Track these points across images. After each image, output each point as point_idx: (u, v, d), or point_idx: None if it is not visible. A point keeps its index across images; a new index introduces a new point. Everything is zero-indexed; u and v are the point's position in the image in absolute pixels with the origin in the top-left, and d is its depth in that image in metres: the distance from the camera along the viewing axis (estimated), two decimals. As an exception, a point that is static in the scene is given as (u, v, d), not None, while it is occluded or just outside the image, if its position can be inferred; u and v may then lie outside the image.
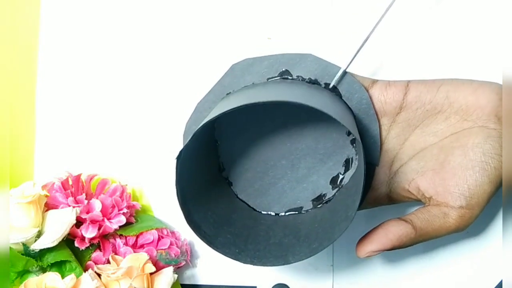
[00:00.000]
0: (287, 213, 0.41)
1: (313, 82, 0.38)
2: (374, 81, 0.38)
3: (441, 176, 0.37)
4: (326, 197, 0.40)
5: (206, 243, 0.35)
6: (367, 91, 0.38)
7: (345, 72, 0.37)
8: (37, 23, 0.47)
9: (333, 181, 0.40)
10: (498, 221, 0.43)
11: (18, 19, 0.47)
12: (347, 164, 0.39)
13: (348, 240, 0.44)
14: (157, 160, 0.45)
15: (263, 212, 0.41)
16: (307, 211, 0.40)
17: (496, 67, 0.42)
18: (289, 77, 0.38)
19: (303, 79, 0.38)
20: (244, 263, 0.35)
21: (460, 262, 0.44)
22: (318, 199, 0.40)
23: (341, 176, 0.40)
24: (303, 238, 0.37)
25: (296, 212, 0.40)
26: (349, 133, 0.39)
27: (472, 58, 0.43)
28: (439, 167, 0.37)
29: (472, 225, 0.43)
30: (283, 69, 0.38)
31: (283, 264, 0.35)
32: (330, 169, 0.40)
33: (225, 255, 0.35)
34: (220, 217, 0.38)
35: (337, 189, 0.40)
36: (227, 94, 0.39)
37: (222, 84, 0.39)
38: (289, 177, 0.40)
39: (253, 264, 0.35)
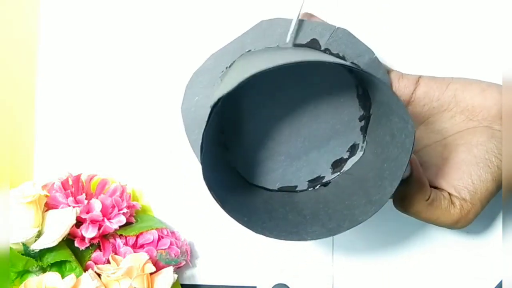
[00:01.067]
0: (279, 190, 0.38)
1: (342, 58, 0.36)
2: (390, 70, 0.38)
3: (445, 170, 0.37)
4: (324, 180, 0.38)
5: (220, 206, 0.32)
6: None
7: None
8: (36, 23, 0.47)
9: (334, 164, 0.38)
10: (498, 221, 0.43)
11: (17, 19, 0.47)
12: (353, 149, 0.38)
13: (348, 240, 0.44)
14: (157, 160, 0.45)
15: (254, 184, 0.38)
16: (301, 191, 0.38)
17: (497, 67, 0.42)
18: (317, 47, 0.36)
19: (331, 53, 0.36)
20: (256, 232, 0.33)
21: (460, 262, 0.44)
22: (315, 181, 0.38)
23: (344, 161, 0.38)
24: (310, 216, 0.35)
25: (290, 191, 0.38)
26: (360, 119, 0.37)
27: (476, 58, 0.43)
28: (442, 162, 0.37)
29: (472, 225, 0.43)
30: (313, 38, 0.36)
31: (298, 240, 0.33)
32: (333, 152, 0.38)
33: (237, 221, 0.33)
34: (222, 181, 0.35)
35: (337, 173, 0.38)
36: (248, 51, 0.36)
37: (243, 41, 0.36)
38: (287, 153, 0.38)
39: (266, 235, 0.33)
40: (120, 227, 0.41)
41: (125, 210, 0.41)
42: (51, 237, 0.38)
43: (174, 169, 0.45)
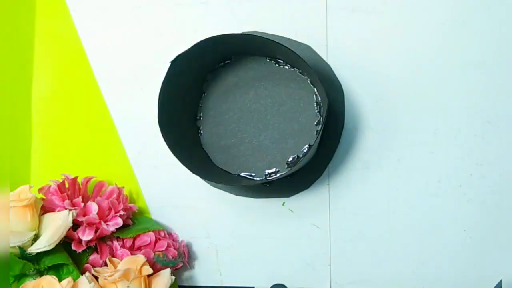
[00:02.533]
0: (238, 176, 0.44)
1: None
2: None
3: None
4: (278, 174, 0.43)
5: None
6: None
7: None
8: (33, 25, 0.46)
9: (290, 162, 0.43)
10: (498, 221, 0.43)
11: (14, 21, 0.47)
12: (308, 150, 0.42)
13: (345, 240, 0.44)
14: (155, 163, 0.45)
15: (218, 166, 0.44)
16: (258, 180, 0.43)
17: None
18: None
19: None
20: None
21: (460, 262, 0.43)
22: (271, 174, 0.43)
23: (299, 159, 0.43)
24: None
25: (248, 178, 0.43)
26: (317, 123, 0.42)
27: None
28: None
29: (472, 225, 0.43)
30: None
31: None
32: (290, 150, 0.43)
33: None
34: (190, 156, 0.41)
35: (289, 169, 0.43)
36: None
37: None
38: (253, 144, 0.43)
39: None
40: (117, 229, 0.41)
41: (122, 213, 0.41)
42: (48, 240, 0.38)
43: (172, 172, 0.45)
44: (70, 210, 0.40)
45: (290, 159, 0.42)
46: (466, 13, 0.43)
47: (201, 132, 0.44)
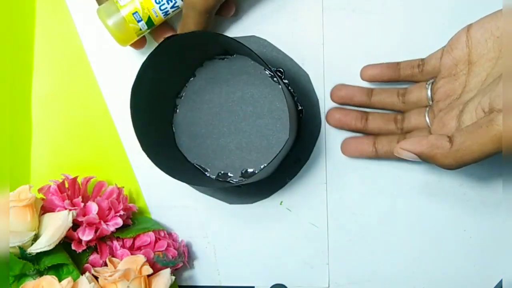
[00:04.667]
0: (214, 176, 0.44)
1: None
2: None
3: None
4: (229, 179, 0.44)
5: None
6: None
7: None
8: (33, 25, 0.46)
9: (244, 172, 0.44)
10: (498, 221, 0.43)
11: (14, 21, 0.47)
12: (263, 168, 0.43)
13: (343, 238, 0.44)
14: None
15: (179, 148, 0.45)
16: (232, 181, 0.44)
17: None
18: None
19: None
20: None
21: (460, 262, 0.43)
22: (245, 175, 0.44)
23: (252, 173, 0.44)
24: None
25: (221, 179, 0.44)
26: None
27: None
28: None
29: (472, 225, 0.43)
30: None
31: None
32: (250, 162, 0.44)
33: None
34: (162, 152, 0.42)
35: (241, 179, 0.44)
36: None
37: None
38: (219, 142, 0.44)
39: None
40: (117, 229, 0.41)
41: (121, 213, 0.41)
42: (48, 241, 0.38)
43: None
44: (70, 210, 0.40)
45: (250, 170, 0.43)
46: (466, 13, 0.43)
47: (177, 110, 0.44)
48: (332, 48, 0.44)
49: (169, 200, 0.45)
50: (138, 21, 0.40)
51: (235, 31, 0.45)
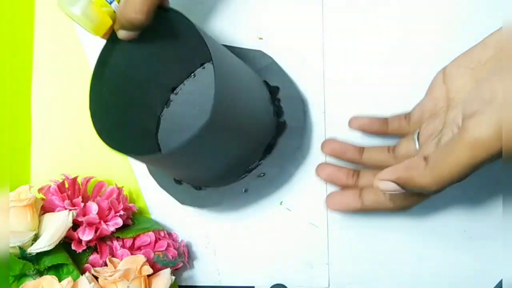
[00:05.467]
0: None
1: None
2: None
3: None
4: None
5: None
6: None
7: None
8: (32, 25, 0.46)
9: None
10: (498, 221, 0.43)
11: (14, 21, 0.47)
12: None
13: (343, 238, 0.44)
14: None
15: (158, 141, 0.44)
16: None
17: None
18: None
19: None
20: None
21: (460, 262, 0.43)
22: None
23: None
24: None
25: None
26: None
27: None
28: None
29: (472, 225, 0.43)
30: None
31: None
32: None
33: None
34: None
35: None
36: None
37: None
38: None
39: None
40: (117, 229, 0.41)
41: (121, 213, 0.41)
42: (48, 241, 0.38)
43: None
44: (70, 210, 0.40)
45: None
46: (467, 11, 0.43)
47: (169, 105, 0.44)
48: (332, 48, 0.44)
49: (169, 200, 0.45)
50: (110, 2, 0.35)
51: (236, 31, 0.45)
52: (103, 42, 0.45)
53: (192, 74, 0.44)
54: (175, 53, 0.41)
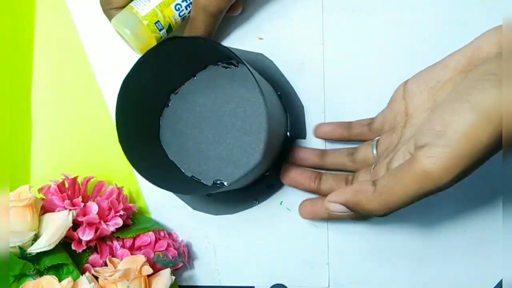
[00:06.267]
0: (192, 178, 0.44)
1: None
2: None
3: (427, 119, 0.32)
4: (224, 185, 0.43)
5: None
6: None
7: None
8: (33, 25, 0.46)
9: (217, 182, 0.44)
10: (498, 221, 0.43)
11: (14, 21, 0.47)
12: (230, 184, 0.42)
13: (343, 238, 0.44)
14: (154, 162, 0.45)
15: (170, 158, 0.44)
16: (207, 185, 0.44)
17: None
18: None
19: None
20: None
21: (460, 262, 0.43)
22: (215, 184, 0.44)
23: (221, 184, 0.44)
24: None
25: (197, 182, 0.44)
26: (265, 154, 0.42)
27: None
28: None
29: (472, 225, 0.43)
30: None
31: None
32: (225, 174, 0.43)
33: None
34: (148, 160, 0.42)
35: (214, 187, 0.44)
36: None
37: None
38: (201, 146, 0.44)
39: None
40: (117, 229, 0.41)
41: (121, 213, 0.41)
42: (48, 241, 0.38)
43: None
44: (70, 210, 0.40)
45: (224, 182, 0.43)
46: (466, 13, 0.43)
47: (169, 105, 0.44)
48: (332, 48, 0.44)
49: (169, 200, 0.45)
50: (160, 30, 0.40)
51: (236, 31, 0.45)
52: (103, 40, 0.46)
53: (193, 75, 0.44)
54: (181, 58, 0.41)
